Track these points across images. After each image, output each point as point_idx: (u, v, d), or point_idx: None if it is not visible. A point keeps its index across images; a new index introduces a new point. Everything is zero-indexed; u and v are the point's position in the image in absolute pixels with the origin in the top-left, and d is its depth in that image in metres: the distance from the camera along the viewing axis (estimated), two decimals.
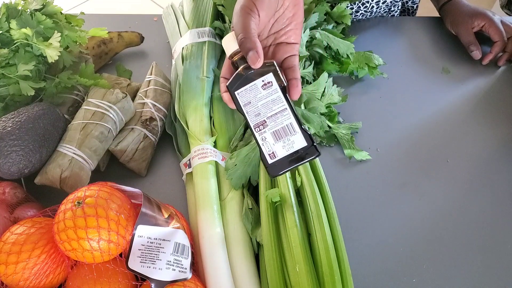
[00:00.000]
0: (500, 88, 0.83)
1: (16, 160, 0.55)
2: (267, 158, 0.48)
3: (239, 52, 0.48)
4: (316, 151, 0.48)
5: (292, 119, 0.48)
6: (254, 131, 0.49)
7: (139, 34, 0.86)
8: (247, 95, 0.48)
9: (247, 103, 0.48)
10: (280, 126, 0.48)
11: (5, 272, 0.47)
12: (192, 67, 0.74)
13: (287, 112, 0.48)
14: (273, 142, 0.48)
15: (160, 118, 0.71)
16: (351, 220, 0.63)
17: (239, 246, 0.57)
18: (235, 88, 0.48)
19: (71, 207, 0.47)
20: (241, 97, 0.48)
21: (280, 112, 0.48)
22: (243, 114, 0.49)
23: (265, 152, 0.48)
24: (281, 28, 0.52)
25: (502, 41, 0.85)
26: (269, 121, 0.48)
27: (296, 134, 0.48)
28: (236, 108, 0.49)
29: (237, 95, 0.48)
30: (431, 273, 0.59)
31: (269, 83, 0.48)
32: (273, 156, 0.48)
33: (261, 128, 0.48)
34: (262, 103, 0.48)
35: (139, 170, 0.68)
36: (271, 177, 0.51)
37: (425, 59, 0.88)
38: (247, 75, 0.48)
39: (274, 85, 0.48)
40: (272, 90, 0.48)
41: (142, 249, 0.48)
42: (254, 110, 0.48)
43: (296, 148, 0.48)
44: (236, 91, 0.48)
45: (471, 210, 0.65)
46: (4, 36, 0.62)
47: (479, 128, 0.76)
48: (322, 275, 0.50)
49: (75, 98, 0.69)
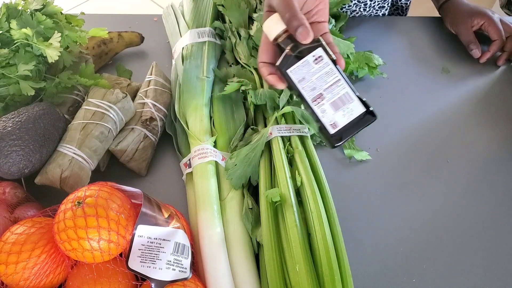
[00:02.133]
0: (500, 88, 0.83)
1: (16, 160, 0.55)
2: (329, 129, 0.51)
3: (284, 33, 0.50)
4: (373, 115, 0.51)
5: (347, 88, 0.51)
6: (311, 105, 0.51)
7: (139, 34, 0.86)
8: (300, 72, 0.50)
9: (301, 80, 0.50)
10: (337, 96, 0.51)
11: (5, 272, 0.47)
12: (192, 67, 0.74)
13: (341, 82, 0.51)
14: (333, 112, 0.51)
15: (160, 118, 0.71)
16: (351, 220, 0.63)
17: (239, 246, 0.57)
18: (287, 67, 0.50)
19: (71, 207, 0.47)
20: (294, 75, 0.50)
21: (335, 84, 0.50)
22: (298, 91, 0.51)
23: (326, 123, 0.51)
24: (311, 9, 0.54)
25: (501, 39, 0.85)
26: (325, 93, 0.50)
27: (353, 102, 0.51)
28: (288, 87, 0.51)
29: (290, 74, 0.50)
30: (431, 273, 0.59)
31: (319, 57, 0.50)
32: (335, 126, 0.51)
33: (318, 101, 0.51)
34: (316, 77, 0.50)
35: (139, 170, 0.68)
36: (333, 147, 0.52)
37: (425, 59, 0.88)
38: (297, 53, 0.50)
39: (324, 58, 0.50)
40: (324, 63, 0.50)
41: (142, 249, 0.48)
42: (309, 85, 0.50)
43: (355, 115, 0.51)
44: (289, 70, 0.50)
45: (471, 210, 0.65)
46: (4, 36, 0.62)
47: (479, 128, 0.76)
48: (322, 275, 0.50)
49: (75, 98, 0.69)
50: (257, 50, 0.75)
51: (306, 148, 0.64)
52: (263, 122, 0.71)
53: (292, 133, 0.65)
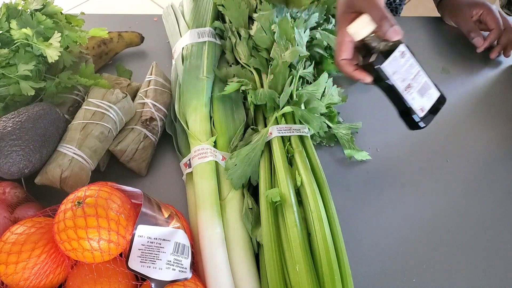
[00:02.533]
0: (500, 88, 0.83)
1: (16, 160, 0.55)
2: (418, 113, 0.58)
3: (373, 32, 0.56)
4: (444, 97, 0.61)
5: (426, 77, 0.59)
6: (403, 94, 0.57)
7: (139, 34, 0.86)
8: (392, 66, 0.56)
9: (393, 73, 0.56)
10: (421, 84, 0.58)
11: (5, 272, 0.47)
12: (192, 67, 0.74)
13: (422, 72, 0.59)
14: (419, 99, 0.58)
15: (160, 118, 0.71)
16: (351, 220, 0.63)
17: (239, 246, 0.57)
18: (380, 63, 0.56)
19: (71, 207, 0.47)
20: (387, 69, 0.56)
21: (417, 74, 0.58)
22: (389, 83, 0.57)
23: (417, 108, 0.58)
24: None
25: (498, 29, 0.85)
26: (412, 82, 0.58)
27: (431, 88, 0.60)
28: (376, 80, 0.58)
29: (383, 69, 0.56)
30: (431, 273, 0.59)
31: (403, 52, 0.57)
32: (423, 110, 0.59)
33: (408, 90, 0.58)
34: (404, 70, 0.57)
35: (139, 170, 0.68)
36: (422, 128, 0.59)
37: (425, 59, 0.88)
38: (387, 50, 0.56)
39: (407, 53, 0.57)
40: (407, 57, 0.57)
41: (142, 249, 0.48)
42: (399, 77, 0.57)
43: (434, 99, 0.60)
44: (382, 65, 0.56)
45: (471, 210, 0.65)
46: (4, 36, 0.62)
47: (479, 128, 0.76)
48: (322, 275, 0.50)
49: (75, 98, 0.69)
50: (257, 50, 0.76)
51: (306, 148, 0.64)
52: (263, 122, 0.71)
53: (292, 133, 0.65)
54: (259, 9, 0.78)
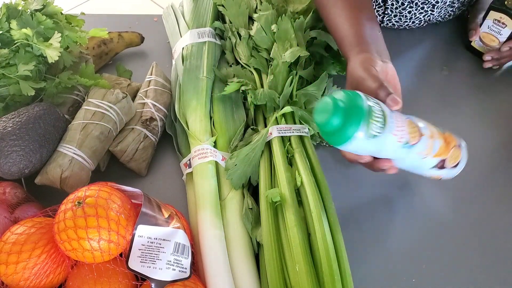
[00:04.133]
0: (500, 88, 0.83)
1: (17, 160, 0.55)
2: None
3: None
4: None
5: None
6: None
7: (139, 34, 0.87)
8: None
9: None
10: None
11: (5, 272, 0.47)
12: (192, 67, 0.74)
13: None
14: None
15: (160, 118, 0.71)
16: (351, 220, 0.63)
17: (239, 246, 0.57)
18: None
19: (72, 207, 0.47)
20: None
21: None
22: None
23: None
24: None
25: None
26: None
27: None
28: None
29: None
30: (431, 273, 0.59)
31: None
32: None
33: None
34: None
35: (139, 170, 0.68)
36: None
37: (425, 59, 0.88)
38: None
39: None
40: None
41: (142, 249, 0.48)
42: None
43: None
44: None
45: (471, 210, 0.65)
46: (4, 36, 0.62)
47: (479, 128, 0.76)
48: (322, 275, 0.50)
49: (75, 98, 0.69)
50: (257, 50, 0.76)
51: (306, 148, 0.64)
52: (263, 122, 0.71)
53: (292, 133, 0.65)
54: (259, 9, 0.79)
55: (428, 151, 0.53)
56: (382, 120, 0.48)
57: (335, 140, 0.48)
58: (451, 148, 0.56)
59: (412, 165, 0.56)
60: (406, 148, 0.51)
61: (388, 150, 0.51)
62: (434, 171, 0.57)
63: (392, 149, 0.51)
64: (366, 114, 0.46)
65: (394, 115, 0.50)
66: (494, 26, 0.82)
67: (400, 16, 0.90)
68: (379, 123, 0.47)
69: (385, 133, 0.48)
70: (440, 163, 0.56)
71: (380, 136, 0.48)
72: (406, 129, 0.51)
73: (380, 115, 0.48)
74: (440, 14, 0.91)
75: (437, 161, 0.55)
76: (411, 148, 0.51)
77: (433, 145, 0.54)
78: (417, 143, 0.52)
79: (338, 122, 0.47)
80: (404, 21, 0.91)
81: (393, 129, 0.49)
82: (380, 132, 0.48)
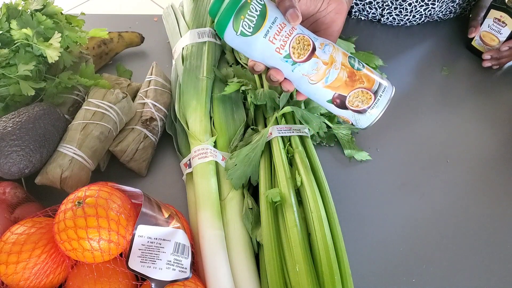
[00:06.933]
0: (500, 88, 0.83)
1: (17, 160, 0.55)
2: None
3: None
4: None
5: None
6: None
7: (139, 34, 0.87)
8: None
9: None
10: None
11: (5, 272, 0.47)
12: (192, 67, 0.74)
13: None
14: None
15: (160, 118, 0.71)
16: (351, 220, 0.63)
17: (239, 246, 0.57)
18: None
19: (72, 207, 0.48)
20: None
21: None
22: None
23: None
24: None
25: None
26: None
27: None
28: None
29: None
30: (431, 273, 0.59)
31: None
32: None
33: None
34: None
35: (139, 170, 0.68)
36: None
37: (425, 59, 0.88)
38: None
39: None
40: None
41: (142, 249, 0.48)
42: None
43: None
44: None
45: (471, 210, 0.65)
46: (4, 36, 0.62)
47: (479, 128, 0.76)
48: (322, 275, 0.50)
49: (75, 98, 0.69)
50: None
51: (306, 148, 0.65)
52: (263, 122, 0.71)
53: (292, 133, 0.66)
54: None
55: (316, 77, 0.49)
56: (256, 20, 0.46)
57: (217, 28, 0.48)
58: (356, 87, 0.50)
59: (307, 90, 0.51)
60: (289, 64, 0.48)
61: (268, 58, 0.49)
62: (333, 107, 0.52)
63: (272, 59, 0.48)
64: (239, 7, 0.45)
65: (280, 23, 0.47)
66: (494, 25, 0.82)
67: (401, 9, 0.89)
68: (251, 23, 0.46)
69: (258, 36, 0.46)
70: (336, 98, 0.50)
71: (251, 37, 0.46)
72: (291, 41, 0.47)
73: (255, 15, 0.46)
74: (441, 9, 0.91)
75: (331, 94, 0.50)
76: (295, 65, 0.48)
77: (327, 72, 0.49)
78: (304, 62, 0.48)
79: (216, 8, 0.47)
80: (405, 14, 0.90)
81: (270, 34, 0.46)
82: (251, 32, 0.46)
